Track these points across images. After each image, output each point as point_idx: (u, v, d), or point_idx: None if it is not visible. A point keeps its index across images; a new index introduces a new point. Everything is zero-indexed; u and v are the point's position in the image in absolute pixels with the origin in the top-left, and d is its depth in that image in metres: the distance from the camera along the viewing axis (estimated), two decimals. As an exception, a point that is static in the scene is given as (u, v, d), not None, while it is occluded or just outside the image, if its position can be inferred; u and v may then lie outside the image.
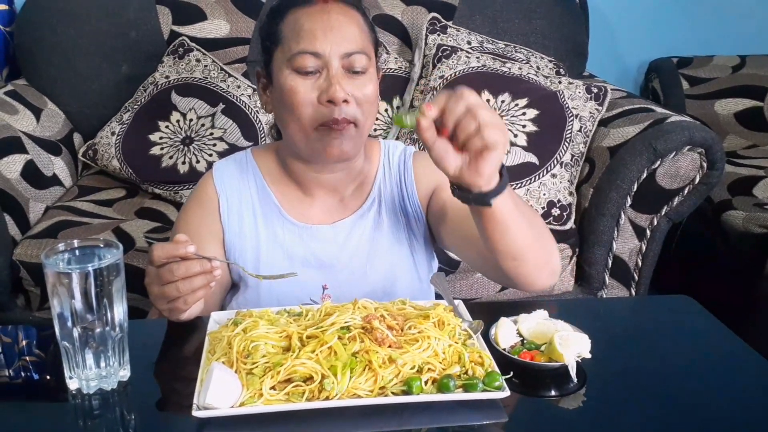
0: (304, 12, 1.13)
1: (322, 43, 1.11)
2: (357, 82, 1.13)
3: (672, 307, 1.23)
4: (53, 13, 2.29)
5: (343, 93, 1.10)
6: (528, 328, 1.01)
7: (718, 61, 2.73)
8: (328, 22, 1.12)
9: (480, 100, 0.92)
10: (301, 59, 1.11)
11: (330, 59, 1.11)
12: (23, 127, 2.07)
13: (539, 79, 2.12)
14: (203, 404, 0.83)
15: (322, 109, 1.11)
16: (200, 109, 2.14)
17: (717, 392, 0.95)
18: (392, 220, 1.27)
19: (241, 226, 1.23)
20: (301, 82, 1.12)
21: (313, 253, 1.23)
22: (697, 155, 1.86)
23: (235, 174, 1.26)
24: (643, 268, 1.99)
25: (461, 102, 0.90)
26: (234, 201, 1.24)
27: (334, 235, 1.24)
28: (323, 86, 1.11)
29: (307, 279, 1.20)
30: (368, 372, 0.87)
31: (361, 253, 1.24)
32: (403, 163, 1.29)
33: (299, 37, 1.12)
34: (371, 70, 1.15)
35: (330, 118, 1.11)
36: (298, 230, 1.23)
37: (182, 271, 0.97)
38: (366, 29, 1.17)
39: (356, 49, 1.12)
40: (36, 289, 1.81)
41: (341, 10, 1.14)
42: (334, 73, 1.11)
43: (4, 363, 1.03)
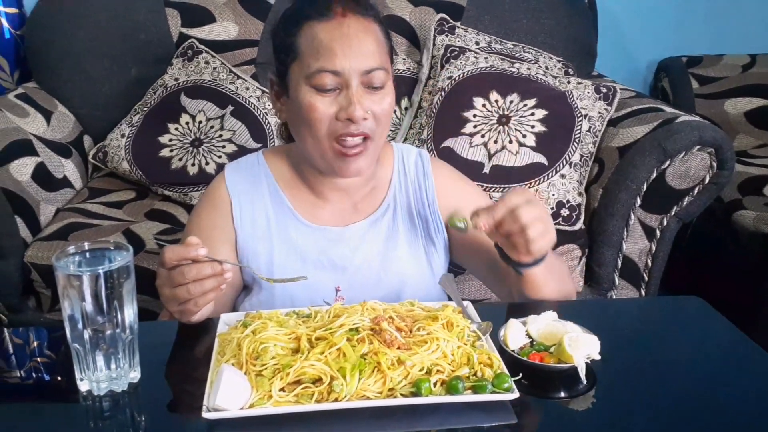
0: (322, 26, 1.12)
1: (341, 61, 1.10)
2: (375, 97, 1.13)
3: (682, 307, 1.22)
4: (63, 16, 2.31)
5: (362, 111, 1.10)
6: (537, 329, 1.01)
7: (728, 60, 2.72)
8: (348, 39, 1.10)
9: (523, 199, 1.04)
10: (320, 77, 1.10)
11: (350, 77, 1.11)
12: (34, 130, 2.08)
13: (548, 80, 2.12)
14: (213, 406, 0.83)
15: (339, 124, 1.12)
16: (209, 111, 2.15)
17: (727, 394, 0.95)
18: (408, 226, 1.27)
19: (254, 228, 1.23)
20: (320, 99, 1.12)
21: (326, 255, 1.23)
22: (707, 155, 1.85)
23: (247, 177, 1.26)
24: (653, 269, 1.98)
25: (508, 211, 1.04)
26: (246, 203, 1.24)
27: (347, 237, 1.24)
28: (343, 104, 1.11)
29: (320, 281, 1.21)
30: (377, 373, 0.88)
31: (374, 257, 1.24)
32: (422, 169, 1.29)
33: (318, 53, 1.11)
34: (389, 83, 1.15)
35: (347, 132, 1.12)
36: (311, 232, 1.23)
37: (193, 273, 0.98)
38: (383, 41, 1.16)
39: (375, 65, 1.12)
40: (47, 290, 1.82)
41: (360, 24, 1.12)
42: (354, 91, 1.11)
43: (16, 364, 1.04)
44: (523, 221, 1.03)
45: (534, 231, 1.04)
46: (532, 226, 1.03)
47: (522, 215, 1.02)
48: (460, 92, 2.09)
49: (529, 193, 1.07)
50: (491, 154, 1.98)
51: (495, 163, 1.96)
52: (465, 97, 2.07)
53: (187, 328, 1.06)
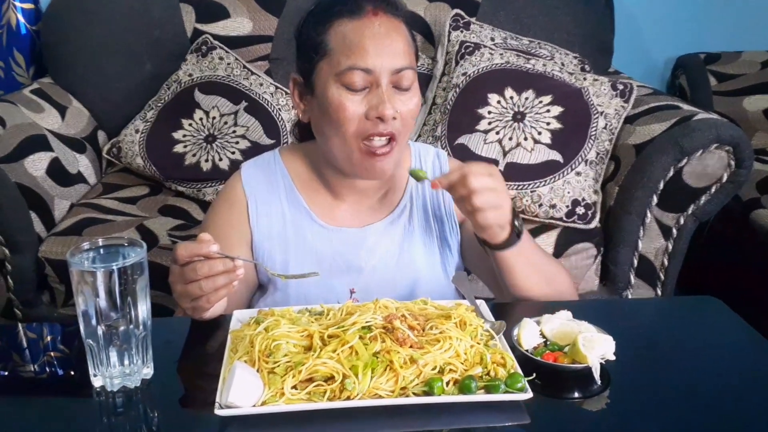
0: (353, 25, 1.12)
1: (373, 59, 1.10)
2: (403, 97, 1.13)
3: (698, 307, 1.21)
4: (78, 11, 2.32)
5: (392, 110, 1.10)
6: (551, 329, 1.00)
7: (746, 56, 2.68)
8: (379, 38, 1.11)
9: (482, 170, 1.08)
10: (351, 75, 1.10)
11: (380, 75, 1.11)
12: (49, 125, 2.09)
13: (564, 76, 2.10)
14: (225, 403, 0.83)
15: (368, 124, 1.12)
16: (223, 107, 2.15)
17: (743, 395, 0.94)
18: (424, 227, 1.27)
19: (270, 229, 1.23)
20: (350, 97, 1.11)
21: (341, 256, 1.23)
22: (724, 153, 1.83)
23: (264, 176, 1.26)
24: (669, 268, 1.96)
25: (461, 176, 1.07)
26: (262, 204, 1.23)
27: (363, 238, 1.24)
28: (373, 102, 1.11)
29: (335, 283, 1.21)
30: (389, 372, 0.87)
31: (390, 258, 1.24)
32: (439, 169, 1.30)
33: (349, 51, 1.10)
34: (415, 84, 1.15)
35: (376, 132, 1.12)
36: (327, 233, 1.23)
37: (205, 270, 0.98)
38: (411, 41, 1.16)
39: (405, 64, 1.12)
40: (61, 286, 1.84)
41: (390, 23, 1.13)
42: (384, 90, 1.11)
43: (30, 359, 1.05)
44: (471, 187, 1.05)
45: (480, 199, 1.06)
46: (479, 194, 1.06)
47: (471, 181, 1.05)
48: (474, 89, 2.08)
49: (491, 168, 1.10)
50: (506, 151, 1.96)
51: (509, 161, 1.95)
52: (479, 93, 2.06)
53: (200, 325, 1.06)
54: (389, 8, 1.14)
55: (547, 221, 1.92)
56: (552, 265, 1.26)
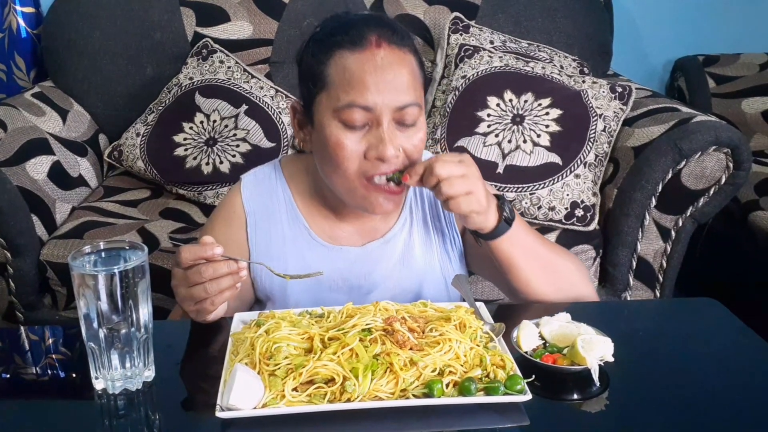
0: (354, 57, 1.05)
1: (374, 96, 1.04)
2: (407, 133, 1.08)
3: (697, 309, 1.21)
4: (79, 15, 2.33)
5: (394, 150, 1.05)
6: (550, 330, 1.00)
7: (745, 59, 2.69)
8: (381, 73, 1.04)
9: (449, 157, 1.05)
10: (350, 112, 1.04)
11: (381, 114, 1.04)
12: (50, 129, 2.10)
13: (563, 79, 2.11)
14: (226, 405, 0.84)
15: (368, 163, 1.07)
16: (224, 110, 2.16)
17: (742, 396, 0.94)
18: (424, 240, 1.24)
19: (269, 247, 1.20)
20: (349, 135, 1.06)
21: (341, 276, 1.20)
22: (723, 155, 1.84)
23: (264, 191, 1.23)
24: (668, 270, 1.97)
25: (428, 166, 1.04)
26: (262, 221, 1.21)
27: (363, 256, 1.21)
28: (373, 142, 1.06)
29: (335, 303, 1.18)
30: (389, 374, 0.88)
31: (390, 274, 1.22)
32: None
33: (349, 86, 1.04)
34: (421, 119, 1.09)
35: (377, 172, 1.07)
36: (326, 252, 1.20)
37: (210, 272, 0.98)
38: (418, 72, 1.10)
39: (409, 101, 1.06)
40: (62, 288, 1.84)
41: (394, 56, 1.06)
42: (385, 129, 1.05)
43: (31, 362, 1.05)
44: (438, 175, 1.03)
45: (449, 187, 1.03)
46: (447, 182, 1.03)
47: (438, 170, 1.03)
48: (474, 91, 2.09)
49: (461, 155, 1.07)
50: (505, 153, 1.97)
51: (509, 163, 1.96)
52: (479, 96, 2.07)
53: (201, 328, 1.07)
54: (394, 38, 1.07)
55: (546, 223, 1.92)
56: (560, 257, 1.21)
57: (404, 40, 1.09)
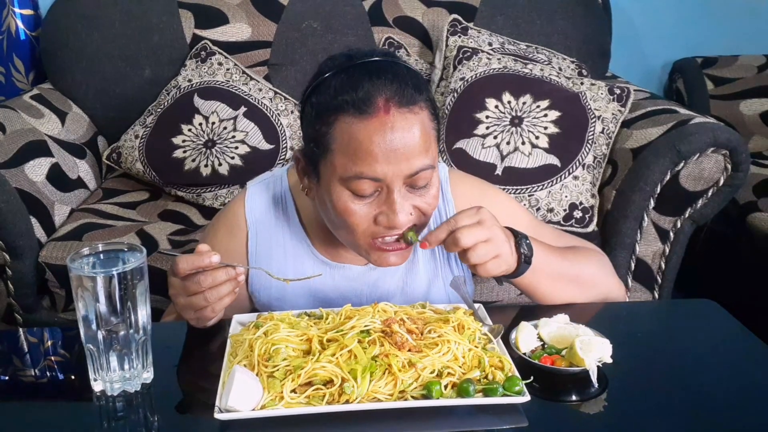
0: (361, 125, 0.97)
1: (383, 168, 0.97)
2: (420, 194, 1.03)
3: (695, 311, 1.21)
4: (78, 17, 2.33)
5: (405, 217, 1.01)
6: (549, 332, 1.00)
7: (743, 60, 2.69)
8: (391, 142, 0.96)
9: (468, 220, 1.02)
10: (358, 184, 0.99)
11: (392, 183, 0.99)
12: (49, 131, 2.10)
13: (561, 81, 2.11)
14: (225, 407, 0.84)
15: (380, 229, 1.03)
16: (222, 112, 2.16)
17: (740, 397, 0.94)
18: (428, 257, 1.21)
19: (269, 262, 1.18)
20: (358, 202, 1.01)
21: (342, 295, 1.18)
22: (721, 157, 1.84)
23: (269, 205, 1.20)
24: (667, 272, 1.97)
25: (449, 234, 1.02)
26: (263, 235, 1.19)
27: (365, 275, 1.19)
28: (383, 209, 1.01)
29: None
30: (388, 376, 0.88)
31: (393, 292, 1.20)
32: (441, 192, 1.18)
33: (356, 157, 0.97)
34: (435, 174, 1.03)
35: (386, 235, 1.03)
36: (329, 270, 1.18)
37: (209, 281, 0.98)
38: (430, 128, 1.02)
39: (421, 167, 0.99)
40: (61, 290, 1.84)
41: (405, 120, 0.97)
42: (395, 197, 0.99)
43: (30, 364, 1.05)
44: (462, 244, 1.00)
45: (475, 255, 1.00)
46: (473, 250, 1.00)
47: (461, 239, 1.00)
48: (472, 93, 2.09)
49: (479, 213, 1.02)
50: (504, 155, 1.97)
51: (507, 165, 1.96)
52: (477, 98, 2.07)
53: (200, 330, 1.07)
54: (405, 99, 0.98)
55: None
56: (581, 265, 1.20)
57: (415, 96, 1.00)
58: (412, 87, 1.00)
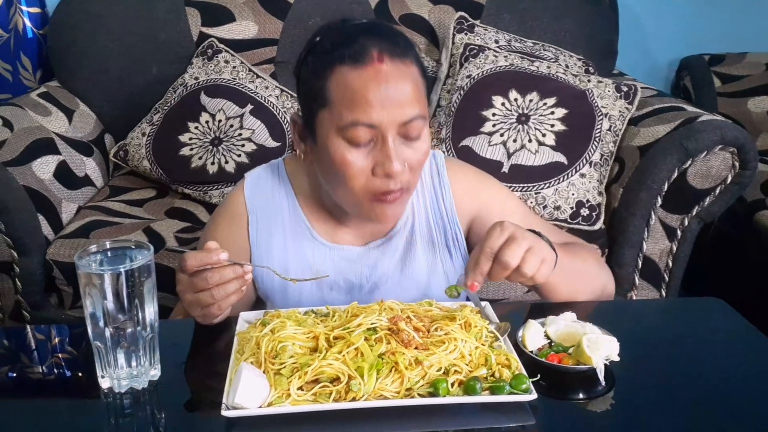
0: (356, 74, 1.02)
1: (378, 114, 1.01)
2: (412, 146, 1.06)
3: (703, 309, 1.21)
4: (85, 15, 2.33)
5: (400, 166, 1.04)
6: (556, 330, 1.00)
7: (751, 58, 2.68)
8: (385, 89, 1.01)
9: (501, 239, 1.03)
10: (354, 131, 1.02)
11: (386, 130, 1.02)
12: (56, 129, 2.10)
13: (568, 78, 2.11)
14: (232, 404, 0.84)
15: (376, 181, 1.05)
16: (229, 110, 2.16)
17: (748, 396, 0.94)
18: (426, 237, 1.23)
19: (270, 246, 1.20)
20: (354, 152, 1.04)
21: (342, 275, 1.20)
22: (729, 155, 1.83)
23: (267, 190, 1.22)
24: (674, 269, 1.96)
25: (504, 269, 1.02)
26: (263, 219, 1.21)
27: (364, 256, 1.21)
28: (378, 158, 1.04)
29: (335, 302, 1.17)
30: (394, 373, 0.88)
31: (392, 273, 1.22)
32: (437, 174, 1.24)
33: (352, 104, 1.02)
34: (426, 129, 1.07)
35: (385, 190, 1.06)
36: (328, 251, 1.20)
37: (216, 278, 0.98)
38: (420, 82, 1.07)
39: (414, 115, 1.03)
40: (69, 288, 1.84)
41: (397, 70, 1.03)
42: (391, 145, 1.03)
43: (38, 361, 1.06)
44: (513, 265, 1.00)
45: (528, 267, 1.01)
46: (524, 264, 1.01)
47: (510, 261, 1.00)
48: (479, 91, 2.08)
49: (507, 228, 1.03)
50: (510, 153, 1.97)
51: (514, 163, 1.96)
52: (484, 95, 2.07)
53: (206, 327, 1.07)
54: (397, 52, 1.04)
55: (551, 223, 1.92)
56: (587, 263, 1.23)
57: (406, 51, 1.06)
58: (402, 43, 1.07)
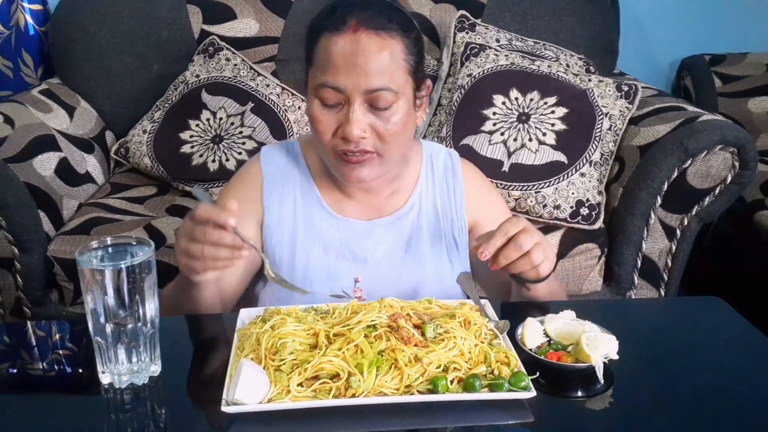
0: (334, 40, 1.10)
1: (344, 79, 1.09)
2: (380, 115, 1.12)
3: (702, 308, 1.21)
4: (86, 13, 2.33)
5: (359, 131, 1.10)
6: (555, 328, 1.00)
7: (751, 58, 2.68)
8: (354, 56, 1.08)
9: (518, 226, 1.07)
10: (323, 92, 1.11)
11: (351, 95, 1.10)
12: (57, 126, 2.11)
13: (569, 77, 2.11)
14: (232, 400, 0.84)
15: (338, 140, 1.13)
16: (230, 107, 2.16)
17: (746, 396, 0.94)
18: (433, 225, 1.27)
19: (281, 211, 1.24)
20: (325, 112, 1.12)
21: (347, 245, 1.24)
22: (728, 154, 1.83)
23: (282, 160, 1.28)
24: (673, 269, 1.96)
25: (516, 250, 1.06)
26: (277, 186, 1.25)
27: (369, 231, 1.25)
28: (342, 121, 1.11)
29: (341, 270, 1.22)
30: (394, 370, 0.88)
31: (395, 254, 1.25)
32: (451, 168, 1.30)
33: (324, 67, 1.10)
34: (400, 102, 1.12)
35: (345, 150, 1.13)
36: (335, 221, 1.25)
37: (214, 237, 0.97)
38: (402, 59, 1.12)
39: (381, 85, 1.09)
40: (69, 284, 1.85)
41: (372, 41, 1.09)
42: (353, 110, 1.10)
43: (38, 357, 1.06)
44: (525, 248, 1.05)
45: (537, 256, 1.06)
46: (534, 252, 1.06)
47: (524, 244, 1.05)
48: (479, 90, 2.09)
49: (522, 221, 1.08)
50: (510, 152, 1.97)
51: (514, 161, 1.96)
52: (485, 94, 2.07)
53: (207, 323, 1.07)
54: (374, 24, 1.10)
55: (551, 222, 1.93)
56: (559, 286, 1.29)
57: (390, 23, 1.11)
58: (386, 17, 1.12)
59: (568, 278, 1.92)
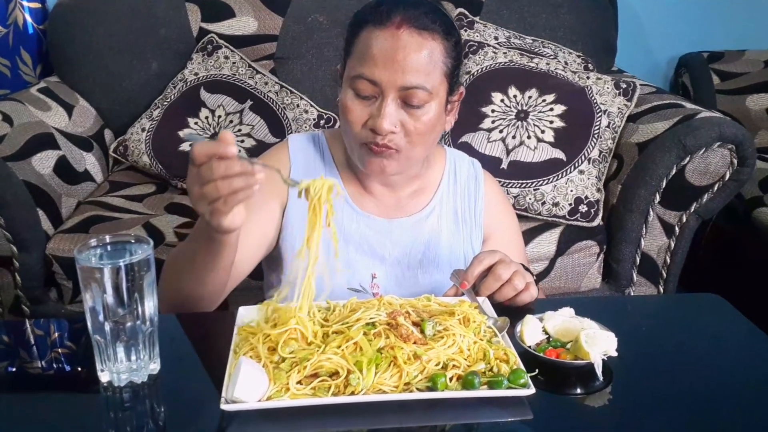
0: (376, 34, 1.12)
1: (381, 73, 1.11)
2: (412, 113, 1.14)
3: (700, 305, 1.22)
4: (85, 11, 2.33)
5: (389, 125, 1.12)
6: (554, 325, 1.01)
7: (749, 55, 2.68)
8: (394, 51, 1.10)
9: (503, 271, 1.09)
10: (358, 83, 1.13)
11: (386, 89, 1.11)
12: (56, 124, 2.10)
13: (567, 75, 2.11)
14: (231, 398, 0.84)
15: (368, 133, 1.14)
16: (228, 105, 2.16)
17: (745, 392, 0.94)
18: (452, 230, 1.28)
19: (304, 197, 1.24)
20: (357, 103, 1.14)
21: (366, 240, 1.25)
22: (727, 151, 1.84)
23: (310, 149, 1.29)
24: (672, 266, 1.97)
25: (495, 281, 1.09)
26: (302, 172, 1.26)
27: (389, 229, 1.26)
28: (374, 113, 1.13)
29: (359, 263, 1.23)
30: (393, 368, 0.88)
31: (413, 254, 1.26)
32: (473, 177, 1.33)
33: (363, 59, 1.12)
34: (432, 103, 1.14)
35: (372, 142, 1.14)
36: (356, 215, 1.26)
37: (222, 170, 0.90)
38: (440, 58, 1.14)
39: (416, 83, 1.11)
40: (68, 282, 1.85)
41: (413, 39, 1.11)
42: (386, 104, 1.11)
43: (37, 355, 1.06)
44: (504, 277, 1.08)
45: (518, 282, 1.08)
46: (515, 278, 1.08)
47: (503, 273, 1.08)
48: (478, 87, 2.09)
49: (496, 253, 1.11)
50: (509, 149, 1.97)
51: (513, 159, 1.96)
52: (483, 92, 2.07)
53: (206, 321, 1.07)
54: (418, 23, 1.12)
55: (549, 219, 1.93)
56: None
57: (433, 24, 1.13)
58: (430, 18, 1.13)
59: (566, 275, 1.92)
